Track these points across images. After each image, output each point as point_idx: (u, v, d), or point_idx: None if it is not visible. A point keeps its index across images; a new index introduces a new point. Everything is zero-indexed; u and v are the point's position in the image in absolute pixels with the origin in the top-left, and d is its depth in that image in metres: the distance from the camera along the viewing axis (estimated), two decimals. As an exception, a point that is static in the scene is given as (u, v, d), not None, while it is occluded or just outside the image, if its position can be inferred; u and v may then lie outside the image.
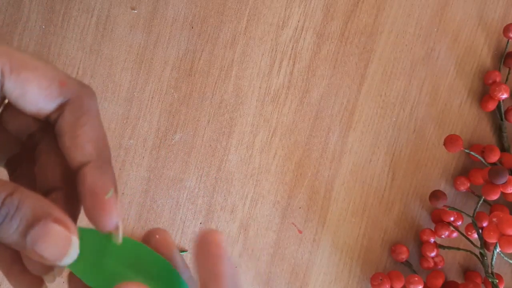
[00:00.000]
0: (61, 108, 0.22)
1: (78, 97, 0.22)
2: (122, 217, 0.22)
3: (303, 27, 0.43)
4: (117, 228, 0.22)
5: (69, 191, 0.23)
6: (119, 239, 0.22)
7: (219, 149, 0.42)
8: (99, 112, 0.23)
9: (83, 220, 0.22)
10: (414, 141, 0.44)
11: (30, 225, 0.19)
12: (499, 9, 0.45)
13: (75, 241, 0.20)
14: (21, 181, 0.24)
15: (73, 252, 0.20)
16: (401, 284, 0.43)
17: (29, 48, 0.40)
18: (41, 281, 0.23)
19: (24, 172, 0.24)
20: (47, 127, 0.23)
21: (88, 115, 0.22)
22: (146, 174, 0.41)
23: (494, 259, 0.41)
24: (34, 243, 0.19)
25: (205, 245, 0.22)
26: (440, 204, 0.43)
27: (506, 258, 0.42)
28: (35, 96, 0.21)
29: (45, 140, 0.24)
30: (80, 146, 0.22)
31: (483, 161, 0.43)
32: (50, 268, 0.22)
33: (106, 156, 0.23)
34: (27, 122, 0.23)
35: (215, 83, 0.42)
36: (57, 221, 0.20)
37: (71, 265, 0.21)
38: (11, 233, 0.19)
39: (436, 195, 0.43)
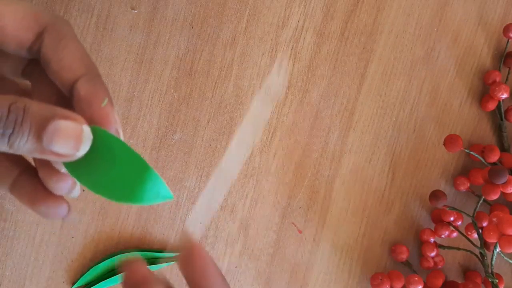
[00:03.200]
0: (40, 37, 0.23)
1: (53, 24, 0.23)
2: (119, 123, 0.23)
3: (303, 27, 0.43)
4: (117, 133, 0.22)
5: None
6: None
7: (219, 149, 0.42)
8: (76, 36, 0.24)
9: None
10: (414, 141, 0.44)
11: (41, 126, 0.20)
12: (499, 9, 0.45)
13: (87, 129, 0.21)
14: None
15: (87, 140, 0.21)
16: (401, 284, 0.43)
17: (29, 48, 0.40)
18: (63, 201, 0.24)
19: None
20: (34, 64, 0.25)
21: (67, 38, 0.23)
22: (146, 174, 0.41)
23: (494, 259, 0.41)
24: (50, 142, 0.20)
25: (190, 257, 0.22)
26: (440, 204, 0.43)
27: (506, 258, 0.42)
28: (13, 27, 0.23)
29: (35, 75, 0.25)
30: (67, 67, 0.23)
31: (483, 161, 0.43)
32: (71, 185, 0.24)
33: (95, 71, 0.24)
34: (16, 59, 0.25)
35: (215, 83, 0.42)
36: (64, 117, 0.20)
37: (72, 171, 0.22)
38: (25, 139, 0.20)
39: (436, 195, 0.43)
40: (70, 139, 0.20)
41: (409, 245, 0.45)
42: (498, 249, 0.41)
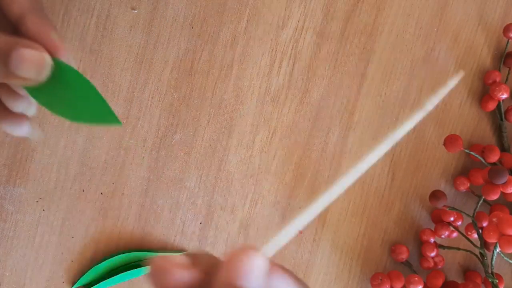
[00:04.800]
0: None
1: None
2: (71, 52, 0.25)
3: (303, 27, 0.43)
4: (69, 62, 0.25)
5: None
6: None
7: (219, 149, 0.42)
8: None
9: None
10: (414, 141, 0.44)
11: (6, 54, 0.23)
12: (499, 9, 0.45)
13: (47, 57, 0.24)
14: None
15: (48, 65, 0.24)
16: (401, 284, 0.43)
17: (29, 48, 0.40)
18: (24, 118, 0.27)
19: None
20: None
21: None
22: (146, 174, 0.41)
23: (494, 259, 0.41)
24: (16, 67, 0.23)
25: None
26: (440, 204, 0.43)
27: (506, 258, 0.42)
28: None
29: None
30: (15, 0, 0.25)
31: (483, 161, 0.43)
32: (28, 104, 0.27)
33: (40, 6, 0.26)
34: None
35: (215, 83, 0.42)
36: (26, 46, 0.23)
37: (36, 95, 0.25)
38: None
39: (436, 195, 0.43)
40: (34, 65, 0.23)
41: (409, 245, 0.45)
42: (498, 249, 0.41)
